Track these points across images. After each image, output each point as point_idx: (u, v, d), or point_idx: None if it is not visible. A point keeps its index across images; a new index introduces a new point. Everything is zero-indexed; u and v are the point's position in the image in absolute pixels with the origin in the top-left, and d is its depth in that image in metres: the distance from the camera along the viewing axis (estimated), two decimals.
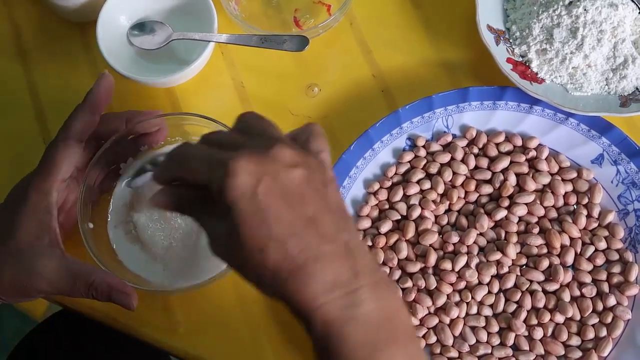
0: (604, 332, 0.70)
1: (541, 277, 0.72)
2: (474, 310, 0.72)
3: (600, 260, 0.72)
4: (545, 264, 0.72)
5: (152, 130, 0.75)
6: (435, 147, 0.77)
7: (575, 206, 0.75)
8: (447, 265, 0.72)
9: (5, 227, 0.68)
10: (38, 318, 1.34)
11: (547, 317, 0.71)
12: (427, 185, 0.75)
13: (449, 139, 0.77)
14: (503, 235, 0.74)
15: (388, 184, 0.76)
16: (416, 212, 0.74)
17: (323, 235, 0.49)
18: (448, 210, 0.75)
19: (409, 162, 0.77)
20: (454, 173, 0.75)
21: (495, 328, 0.71)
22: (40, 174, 0.68)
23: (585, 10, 0.74)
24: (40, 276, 0.67)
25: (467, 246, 0.73)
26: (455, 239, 0.73)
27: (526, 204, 0.74)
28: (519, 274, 0.72)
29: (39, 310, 1.35)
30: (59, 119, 0.71)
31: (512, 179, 0.75)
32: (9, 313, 1.43)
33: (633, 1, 0.76)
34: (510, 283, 0.72)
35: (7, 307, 1.24)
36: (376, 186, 0.76)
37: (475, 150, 0.76)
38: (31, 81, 0.83)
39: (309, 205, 0.49)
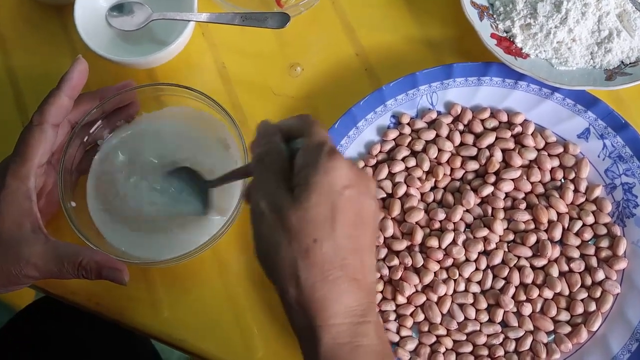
0: (593, 307, 0.69)
1: (529, 253, 0.71)
2: (462, 287, 0.71)
3: (588, 235, 0.72)
4: (532, 239, 0.71)
5: (123, 105, 0.74)
6: (420, 124, 0.76)
7: (562, 181, 0.74)
8: (434, 242, 0.72)
9: None
10: None
11: (535, 293, 0.70)
12: (412, 162, 0.74)
13: (434, 115, 0.76)
14: (490, 211, 0.73)
15: (373, 162, 0.75)
16: (402, 190, 0.73)
17: (364, 266, 0.52)
18: (434, 188, 0.74)
19: (394, 139, 0.76)
20: (439, 150, 0.74)
21: (483, 305, 0.70)
22: (17, 160, 0.68)
23: None
24: (27, 262, 0.66)
25: (454, 223, 0.72)
26: (441, 216, 0.72)
27: (512, 179, 0.73)
28: (506, 250, 0.72)
29: (25, 302, 1.34)
30: (38, 103, 0.70)
31: (498, 155, 0.74)
32: None
33: None
34: (497, 259, 0.71)
35: None
36: (361, 164, 0.75)
37: (461, 127, 0.76)
38: (9, 66, 0.82)
39: (366, 235, 0.52)
